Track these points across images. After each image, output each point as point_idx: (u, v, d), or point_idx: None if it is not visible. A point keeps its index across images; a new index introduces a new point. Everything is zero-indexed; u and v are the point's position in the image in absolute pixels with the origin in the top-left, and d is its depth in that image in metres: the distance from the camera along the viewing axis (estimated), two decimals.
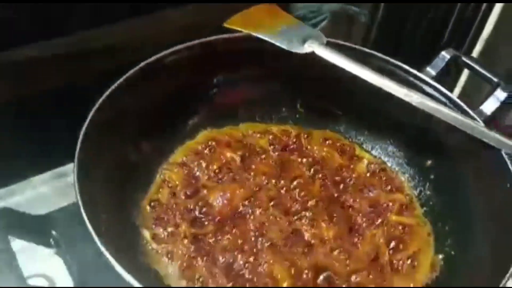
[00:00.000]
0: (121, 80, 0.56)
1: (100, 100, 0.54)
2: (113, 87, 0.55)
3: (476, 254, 0.53)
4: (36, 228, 0.45)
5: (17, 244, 0.46)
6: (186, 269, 0.54)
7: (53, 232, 0.45)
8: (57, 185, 0.69)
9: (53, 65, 0.81)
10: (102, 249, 0.41)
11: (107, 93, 0.55)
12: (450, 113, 0.58)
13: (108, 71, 0.58)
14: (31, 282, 0.39)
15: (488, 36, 1.32)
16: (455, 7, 1.16)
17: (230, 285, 0.53)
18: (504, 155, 0.55)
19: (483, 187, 0.57)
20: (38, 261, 0.56)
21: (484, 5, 1.14)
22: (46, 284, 0.49)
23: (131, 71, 0.56)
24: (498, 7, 1.17)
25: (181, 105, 0.65)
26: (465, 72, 1.15)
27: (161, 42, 0.63)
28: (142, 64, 0.58)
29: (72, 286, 0.52)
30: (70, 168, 0.49)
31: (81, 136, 0.51)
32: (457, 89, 1.26)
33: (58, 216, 0.46)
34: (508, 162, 0.54)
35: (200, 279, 0.53)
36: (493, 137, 0.55)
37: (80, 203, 0.45)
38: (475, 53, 1.44)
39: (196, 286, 0.53)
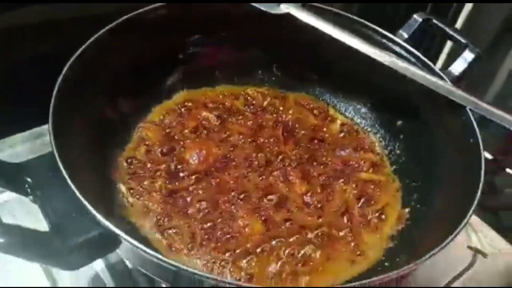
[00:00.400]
0: (94, 37, 0.56)
1: (73, 58, 0.54)
2: (86, 44, 0.55)
3: (438, 207, 0.56)
4: (12, 175, 0.45)
5: None
6: (161, 221, 0.55)
7: (29, 179, 0.46)
8: (35, 145, 0.70)
9: (33, 31, 0.80)
10: (77, 193, 0.42)
11: (80, 50, 0.55)
12: (419, 72, 0.60)
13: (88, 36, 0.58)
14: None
15: (470, 10, 1.35)
16: None
17: (204, 236, 0.55)
18: (468, 111, 0.57)
19: (448, 144, 0.59)
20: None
21: None
22: None
23: (103, 29, 0.57)
24: None
25: (158, 64, 0.66)
26: (449, 44, 1.17)
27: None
28: (115, 22, 0.58)
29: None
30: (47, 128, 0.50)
31: (55, 91, 0.51)
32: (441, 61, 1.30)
33: (34, 164, 0.47)
34: (472, 118, 0.56)
35: (175, 231, 0.55)
36: (458, 94, 0.57)
37: (55, 152, 0.46)
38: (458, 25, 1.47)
39: (170, 236, 0.54)
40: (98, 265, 0.58)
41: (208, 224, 0.56)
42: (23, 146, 0.69)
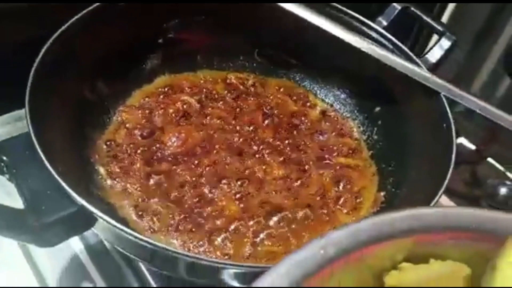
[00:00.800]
0: (72, 19, 0.56)
1: (51, 39, 0.54)
2: (64, 26, 0.55)
3: (411, 190, 0.57)
4: None
5: None
6: (140, 202, 0.56)
7: (4, 158, 0.46)
8: (15, 127, 0.70)
9: (14, 15, 0.80)
10: (52, 172, 0.42)
11: (58, 32, 0.55)
12: (396, 59, 0.61)
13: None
14: None
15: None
16: None
17: (182, 217, 0.56)
18: (443, 97, 0.58)
19: (423, 129, 0.60)
20: None
21: None
22: None
23: (81, 13, 0.57)
24: None
25: (138, 48, 0.66)
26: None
27: None
28: (92, 6, 0.58)
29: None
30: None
31: (32, 72, 0.51)
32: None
33: (11, 144, 0.47)
34: (446, 104, 0.57)
35: (153, 212, 0.55)
36: (433, 81, 0.58)
37: (31, 132, 0.46)
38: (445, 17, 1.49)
39: (148, 218, 0.55)
40: (77, 246, 0.59)
41: (186, 206, 0.57)
42: (4, 128, 0.69)
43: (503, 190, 1.37)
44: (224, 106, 0.69)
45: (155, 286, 0.56)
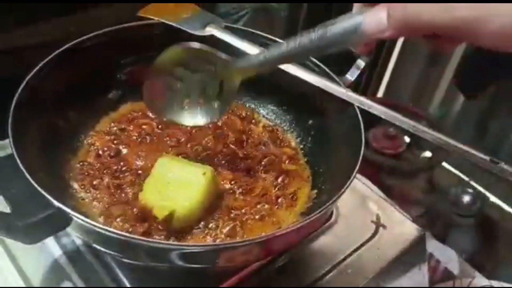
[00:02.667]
0: (44, 61, 0.68)
1: (27, 78, 0.65)
2: (36, 68, 0.67)
3: (334, 185, 0.68)
4: None
5: None
6: (106, 209, 0.67)
7: None
8: None
9: None
10: (33, 183, 0.53)
11: (32, 73, 0.66)
12: (321, 79, 0.74)
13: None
14: None
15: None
16: None
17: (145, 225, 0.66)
18: (356, 108, 0.70)
19: (343, 137, 0.72)
20: None
21: None
22: None
23: (52, 54, 0.69)
24: None
25: (101, 82, 0.77)
26: None
27: None
28: (61, 49, 0.70)
29: None
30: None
31: (12, 106, 0.62)
32: None
33: None
34: (358, 112, 0.70)
35: (118, 218, 0.66)
36: (348, 95, 0.71)
37: (14, 153, 0.57)
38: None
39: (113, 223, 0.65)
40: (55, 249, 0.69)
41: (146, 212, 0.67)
42: None
43: (466, 198, 1.51)
44: (180, 127, 0.81)
45: (129, 286, 0.66)
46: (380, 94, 1.77)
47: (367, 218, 0.80)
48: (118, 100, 0.81)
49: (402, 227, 0.80)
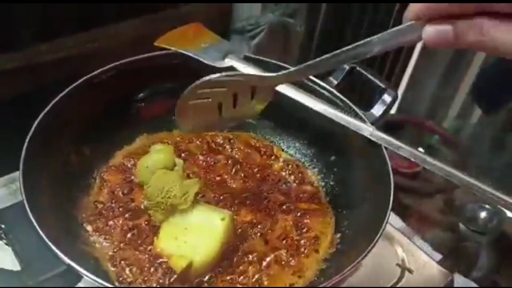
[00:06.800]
0: (58, 97, 0.65)
1: (42, 114, 0.63)
2: (51, 103, 0.64)
3: (362, 231, 0.65)
4: None
5: None
6: (119, 255, 0.63)
7: (2, 226, 0.53)
8: (11, 189, 0.77)
9: (5, 78, 0.89)
10: (45, 238, 0.50)
11: (47, 109, 0.64)
12: (344, 116, 0.70)
13: (60, 82, 0.66)
14: None
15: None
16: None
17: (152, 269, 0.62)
18: (383, 149, 0.67)
19: (368, 175, 0.69)
20: None
21: None
22: None
23: (67, 89, 0.66)
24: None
25: (115, 115, 0.74)
26: None
27: (113, 54, 0.71)
28: (76, 83, 0.67)
29: None
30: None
31: (25, 144, 0.60)
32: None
33: (7, 212, 0.55)
34: (385, 152, 0.66)
35: (127, 263, 0.62)
36: (375, 134, 0.67)
37: (25, 201, 0.54)
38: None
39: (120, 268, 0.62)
40: None
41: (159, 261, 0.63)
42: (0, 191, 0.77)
43: (482, 214, 1.46)
44: (197, 161, 0.78)
45: None
46: (394, 107, 1.73)
47: (392, 261, 0.76)
48: (133, 133, 0.78)
49: (428, 271, 0.76)
